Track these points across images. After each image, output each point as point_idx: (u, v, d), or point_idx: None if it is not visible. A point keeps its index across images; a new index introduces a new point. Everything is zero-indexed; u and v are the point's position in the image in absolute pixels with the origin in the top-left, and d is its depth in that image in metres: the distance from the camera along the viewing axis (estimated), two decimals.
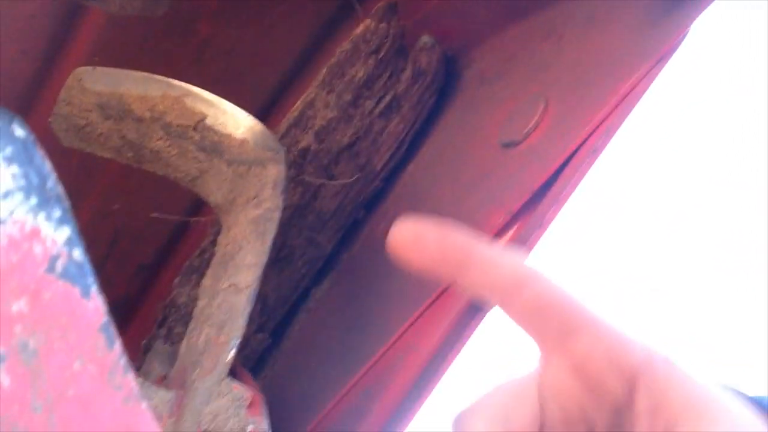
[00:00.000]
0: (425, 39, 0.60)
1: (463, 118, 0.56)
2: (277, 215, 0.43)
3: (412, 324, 0.47)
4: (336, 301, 0.59)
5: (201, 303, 0.48)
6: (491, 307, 0.42)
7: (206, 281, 0.44)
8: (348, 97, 0.55)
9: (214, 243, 0.59)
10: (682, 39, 0.40)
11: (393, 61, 0.56)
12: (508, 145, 0.48)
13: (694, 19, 0.39)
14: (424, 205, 0.55)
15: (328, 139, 0.56)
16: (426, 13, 0.59)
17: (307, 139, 0.55)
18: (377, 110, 0.56)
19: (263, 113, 0.71)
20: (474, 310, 0.44)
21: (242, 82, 0.69)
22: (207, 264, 0.58)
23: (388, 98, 0.56)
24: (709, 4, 0.39)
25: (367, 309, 0.55)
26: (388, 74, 0.56)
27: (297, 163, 0.55)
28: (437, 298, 0.48)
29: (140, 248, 0.74)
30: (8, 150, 0.24)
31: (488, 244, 0.44)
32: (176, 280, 0.59)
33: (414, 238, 0.47)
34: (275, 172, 0.46)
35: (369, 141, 0.57)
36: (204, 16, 0.66)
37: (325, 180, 0.56)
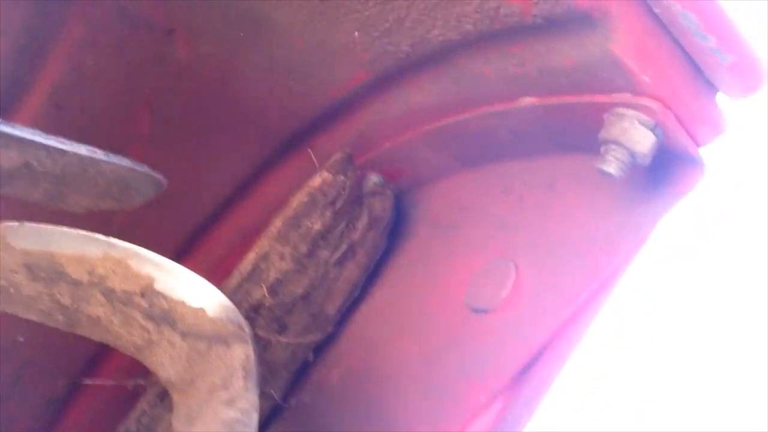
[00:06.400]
0: (374, 179, 0.59)
1: (418, 265, 0.56)
2: (255, 418, 0.40)
3: None
4: None
5: None
6: None
7: None
8: (304, 249, 0.53)
9: (154, 406, 0.54)
10: (652, 230, 0.42)
11: (349, 210, 0.54)
12: (478, 311, 0.48)
13: (665, 213, 0.41)
14: (385, 357, 0.53)
15: (282, 292, 0.53)
16: (375, 155, 0.59)
17: (260, 293, 0.53)
18: (333, 259, 0.54)
19: (188, 242, 0.67)
20: None
21: (171, 208, 0.65)
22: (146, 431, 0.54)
23: (344, 247, 0.54)
24: (679, 199, 0.41)
25: None
26: (344, 223, 0.54)
27: (249, 318, 0.52)
28: None
29: (49, 381, 0.67)
30: None
31: None
32: None
33: None
34: (243, 355, 0.43)
35: (323, 290, 0.55)
36: (135, 142, 0.61)
37: (276, 335, 0.53)
